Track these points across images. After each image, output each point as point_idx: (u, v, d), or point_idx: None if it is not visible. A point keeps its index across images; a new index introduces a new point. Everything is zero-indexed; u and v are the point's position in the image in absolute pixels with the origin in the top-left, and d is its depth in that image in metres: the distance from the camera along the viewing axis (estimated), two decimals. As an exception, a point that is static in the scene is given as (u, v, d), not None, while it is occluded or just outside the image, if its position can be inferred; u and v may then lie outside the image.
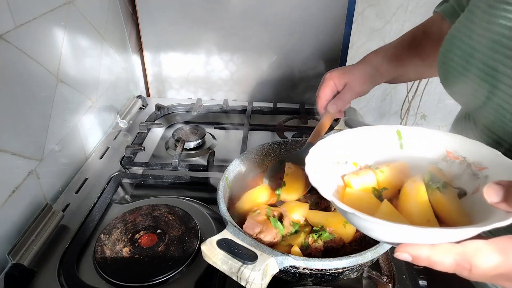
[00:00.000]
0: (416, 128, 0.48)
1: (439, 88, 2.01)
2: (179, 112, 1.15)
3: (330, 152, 0.48)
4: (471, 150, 0.44)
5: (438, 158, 0.47)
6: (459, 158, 0.45)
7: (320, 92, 0.74)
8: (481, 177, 0.42)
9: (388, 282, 0.60)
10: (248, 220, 0.58)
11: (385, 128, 0.49)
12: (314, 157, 0.45)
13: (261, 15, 1.12)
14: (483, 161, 0.42)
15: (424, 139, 0.48)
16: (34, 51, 0.70)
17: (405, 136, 0.48)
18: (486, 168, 0.41)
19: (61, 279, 0.61)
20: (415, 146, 0.48)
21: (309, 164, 0.43)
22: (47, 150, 0.75)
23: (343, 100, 0.73)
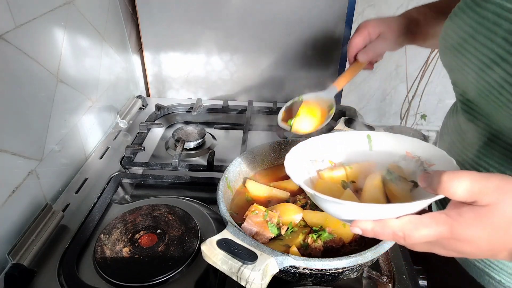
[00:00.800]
0: (384, 133, 0.57)
1: (439, 88, 2.02)
2: (179, 112, 1.15)
3: (310, 151, 0.57)
4: (425, 151, 0.52)
5: (400, 157, 0.55)
6: (415, 157, 0.53)
7: (351, 40, 0.71)
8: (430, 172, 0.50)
9: (388, 282, 0.60)
10: (247, 220, 0.58)
11: (358, 133, 0.58)
12: (294, 153, 0.54)
13: (261, 15, 1.12)
14: (432, 159, 0.51)
15: (389, 142, 0.56)
16: (34, 51, 0.70)
17: (374, 140, 0.57)
18: (434, 164, 0.50)
19: (61, 279, 0.61)
20: (382, 148, 0.57)
21: (289, 158, 0.53)
22: (47, 150, 0.75)
23: (375, 50, 0.71)
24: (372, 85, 2.05)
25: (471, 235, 0.37)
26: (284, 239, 0.58)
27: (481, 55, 0.50)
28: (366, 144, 0.57)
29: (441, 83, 2.00)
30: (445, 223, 0.37)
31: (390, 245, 0.52)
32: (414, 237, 0.38)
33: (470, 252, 0.39)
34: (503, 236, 0.37)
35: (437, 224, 0.37)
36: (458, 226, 0.37)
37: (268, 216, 0.59)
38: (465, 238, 0.37)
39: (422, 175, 0.40)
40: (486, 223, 0.36)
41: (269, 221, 0.58)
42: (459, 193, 0.36)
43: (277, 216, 0.59)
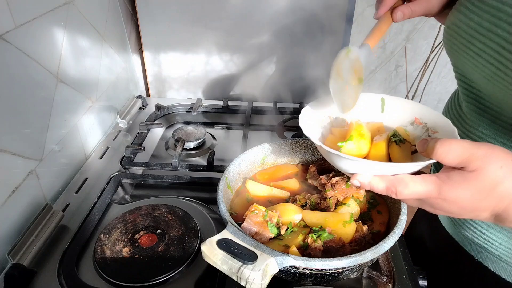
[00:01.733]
0: (397, 98, 0.61)
1: (439, 88, 2.02)
2: (179, 112, 1.15)
3: (325, 108, 0.61)
4: (432, 118, 0.56)
5: (408, 122, 0.59)
6: (422, 124, 0.57)
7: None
8: None
9: (388, 282, 0.60)
10: (246, 220, 0.58)
11: (372, 95, 0.62)
12: (310, 109, 0.59)
13: (261, 15, 1.12)
14: (437, 127, 0.55)
15: (400, 107, 0.60)
16: (34, 51, 0.70)
17: (387, 103, 0.61)
18: (437, 132, 0.55)
19: (61, 279, 0.61)
20: (393, 112, 0.61)
21: (304, 112, 0.57)
22: (47, 150, 0.75)
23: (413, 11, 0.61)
24: (372, 85, 2.05)
25: (456, 195, 0.41)
26: (283, 239, 0.58)
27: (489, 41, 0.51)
28: (379, 106, 0.61)
29: (441, 83, 2.00)
30: (434, 183, 0.42)
31: (390, 245, 0.52)
32: (404, 193, 0.43)
33: (455, 211, 0.43)
34: (486, 198, 0.41)
35: (427, 184, 0.42)
36: (445, 187, 0.41)
37: (268, 216, 0.59)
38: (451, 199, 0.41)
39: (420, 141, 0.44)
40: (471, 186, 0.40)
41: (268, 221, 0.58)
42: (450, 159, 0.41)
43: (276, 216, 0.59)
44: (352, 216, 0.58)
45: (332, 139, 0.57)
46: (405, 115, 0.60)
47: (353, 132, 0.54)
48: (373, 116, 0.62)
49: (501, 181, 0.39)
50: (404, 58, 1.93)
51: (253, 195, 0.68)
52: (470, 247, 0.66)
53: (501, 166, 0.39)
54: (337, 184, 0.64)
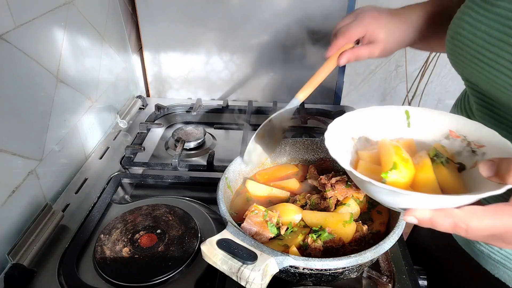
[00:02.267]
0: (423, 109, 0.53)
1: (439, 88, 2.02)
2: (179, 112, 1.15)
3: (347, 128, 0.53)
4: (471, 130, 0.49)
5: (441, 136, 0.52)
6: (460, 137, 0.50)
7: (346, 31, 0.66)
8: (479, 154, 0.47)
9: (388, 282, 0.60)
10: (246, 220, 0.58)
11: (395, 108, 0.54)
12: (332, 132, 0.50)
13: (261, 15, 1.12)
14: (481, 140, 0.47)
15: (429, 119, 0.53)
16: (34, 51, 0.70)
17: (413, 116, 0.53)
18: (484, 146, 0.47)
19: (61, 279, 0.61)
20: (421, 125, 0.53)
21: (329, 138, 0.49)
22: (47, 150, 0.75)
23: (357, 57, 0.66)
24: (372, 85, 2.05)
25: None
26: (283, 239, 0.58)
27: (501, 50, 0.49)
28: (404, 120, 0.54)
29: (441, 83, 1.99)
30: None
31: (390, 245, 0.52)
32: (477, 229, 0.37)
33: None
34: None
35: (504, 216, 0.36)
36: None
37: (267, 216, 0.59)
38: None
39: (484, 162, 0.38)
40: None
41: (268, 221, 0.58)
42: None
43: (276, 216, 0.59)
44: (352, 216, 0.58)
45: (365, 166, 0.49)
46: (436, 128, 0.52)
47: (395, 157, 0.45)
48: (398, 131, 0.54)
49: None
50: (404, 58, 1.93)
51: (253, 195, 0.68)
52: (486, 262, 0.64)
53: None
54: (337, 184, 0.64)
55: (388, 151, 0.47)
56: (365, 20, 0.66)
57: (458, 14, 0.58)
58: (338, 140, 0.50)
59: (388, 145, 0.48)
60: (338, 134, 0.51)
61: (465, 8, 0.56)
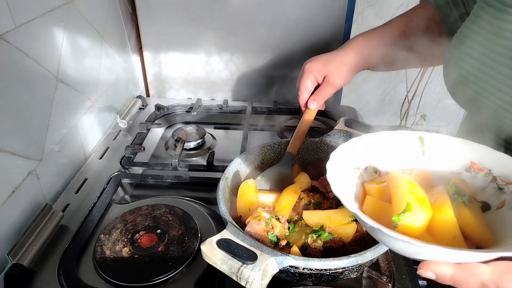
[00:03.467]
0: (440, 136, 0.47)
1: (438, 88, 2.01)
2: (179, 112, 1.15)
3: (350, 157, 0.47)
4: (498, 163, 0.42)
5: (461, 168, 0.45)
6: (484, 170, 0.43)
7: (300, 85, 0.73)
8: (507, 192, 0.41)
9: (388, 282, 0.60)
10: (249, 226, 0.58)
11: (407, 134, 0.48)
12: (335, 163, 0.43)
13: (261, 15, 1.12)
14: (510, 176, 0.40)
15: (447, 148, 0.46)
16: (34, 51, 0.70)
17: (428, 143, 0.47)
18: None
19: (61, 279, 0.61)
20: (437, 154, 0.47)
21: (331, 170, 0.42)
22: (46, 150, 0.75)
23: (323, 95, 0.71)
24: (372, 85, 2.05)
25: None
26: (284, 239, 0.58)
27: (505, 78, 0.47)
28: (418, 148, 0.47)
29: (441, 83, 1.99)
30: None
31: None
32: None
33: None
34: None
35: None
36: None
37: (270, 224, 0.57)
38: None
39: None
40: None
41: (270, 230, 0.56)
42: None
43: (279, 227, 0.57)
44: (352, 216, 0.58)
45: (372, 203, 0.43)
46: (455, 158, 0.45)
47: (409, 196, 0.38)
48: (411, 161, 0.47)
49: None
50: (404, 58, 1.93)
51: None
52: None
53: None
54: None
55: (399, 187, 0.40)
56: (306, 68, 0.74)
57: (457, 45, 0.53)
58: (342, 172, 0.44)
59: (400, 179, 0.40)
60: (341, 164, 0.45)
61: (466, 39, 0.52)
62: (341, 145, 0.46)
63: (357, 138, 0.48)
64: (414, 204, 0.37)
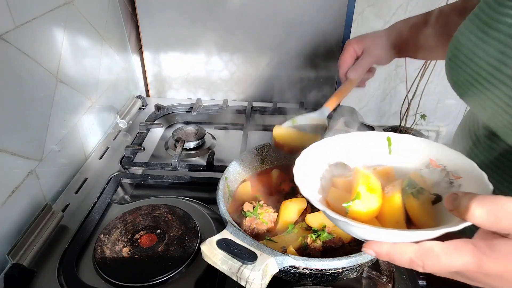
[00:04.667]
0: (405, 136, 0.51)
1: (438, 88, 2.02)
2: (179, 112, 1.15)
3: (323, 154, 0.51)
4: (451, 160, 0.47)
5: (422, 165, 0.50)
6: (440, 167, 0.48)
7: (340, 59, 0.75)
8: (455, 186, 0.45)
9: (387, 282, 0.60)
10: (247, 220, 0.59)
11: (376, 134, 0.52)
12: (305, 158, 0.49)
13: (261, 15, 1.12)
14: (459, 171, 0.45)
15: (411, 147, 0.51)
16: (33, 51, 0.70)
17: (394, 143, 0.51)
18: (461, 177, 0.45)
19: (60, 279, 0.61)
20: (402, 152, 0.51)
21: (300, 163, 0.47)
22: (46, 150, 0.75)
23: (362, 65, 0.73)
24: (372, 85, 2.05)
25: (503, 270, 0.33)
26: (280, 241, 0.58)
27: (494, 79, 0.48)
28: (385, 147, 0.52)
29: (441, 83, 2.00)
30: (473, 255, 0.33)
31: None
32: (434, 266, 0.35)
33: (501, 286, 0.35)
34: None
35: (462, 255, 0.34)
36: (487, 260, 0.33)
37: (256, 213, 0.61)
38: (496, 274, 0.34)
39: (449, 196, 0.36)
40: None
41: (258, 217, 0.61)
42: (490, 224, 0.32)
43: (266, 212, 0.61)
44: None
45: (336, 194, 0.48)
46: (418, 156, 0.50)
47: (360, 187, 0.43)
48: (379, 158, 0.52)
49: None
50: (404, 58, 1.93)
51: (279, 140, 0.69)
52: None
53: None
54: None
55: (356, 180, 0.45)
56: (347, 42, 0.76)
57: (457, 35, 0.56)
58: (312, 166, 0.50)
59: (359, 172, 0.45)
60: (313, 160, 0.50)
61: (465, 29, 0.54)
62: (315, 143, 0.51)
63: (329, 138, 0.52)
64: (363, 193, 0.43)
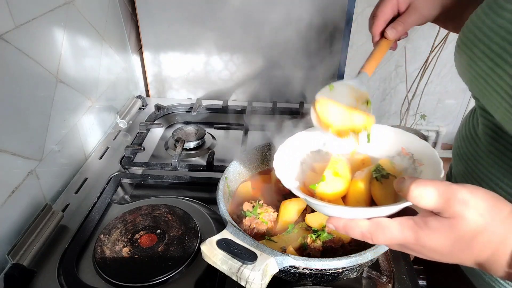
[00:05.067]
0: (383, 126, 0.56)
1: (438, 88, 2.02)
2: (179, 112, 1.15)
3: (306, 142, 0.56)
4: (419, 149, 0.52)
5: (395, 152, 0.55)
6: (409, 155, 0.53)
7: (378, 10, 0.62)
8: (418, 172, 0.50)
9: (387, 282, 0.60)
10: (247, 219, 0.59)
11: None
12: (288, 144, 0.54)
13: (261, 15, 1.12)
14: (423, 158, 0.51)
15: (387, 136, 0.56)
16: (33, 51, 0.70)
17: (373, 132, 0.55)
18: (423, 164, 0.50)
19: (60, 279, 0.61)
20: (379, 141, 0.56)
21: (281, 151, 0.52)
22: (46, 150, 0.75)
23: (405, 23, 0.61)
24: (372, 85, 2.05)
25: (435, 244, 0.38)
26: (280, 241, 0.58)
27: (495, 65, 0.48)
28: (365, 136, 0.55)
29: (440, 83, 2.00)
30: (411, 229, 0.39)
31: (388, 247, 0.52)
32: (380, 238, 0.40)
33: (435, 258, 0.40)
34: (466, 249, 0.38)
35: (403, 230, 0.39)
36: (422, 234, 0.38)
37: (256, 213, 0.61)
38: (429, 246, 0.38)
39: (397, 179, 0.41)
40: (448, 234, 0.37)
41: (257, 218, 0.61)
42: (425, 203, 0.37)
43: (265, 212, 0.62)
44: None
45: (312, 176, 0.53)
46: (392, 145, 0.55)
47: (326, 171, 0.49)
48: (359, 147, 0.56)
49: (481, 230, 0.36)
50: (404, 58, 1.93)
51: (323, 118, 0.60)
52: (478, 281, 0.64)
53: (481, 214, 0.36)
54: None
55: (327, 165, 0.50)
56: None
57: (467, 21, 0.55)
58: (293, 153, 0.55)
59: (332, 159, 0.51)
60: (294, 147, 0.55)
61: (475, 15, 0.53)
62: (298, 132, 0.56)
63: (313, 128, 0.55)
64: (328, 176, 0.49)
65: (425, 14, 0.62)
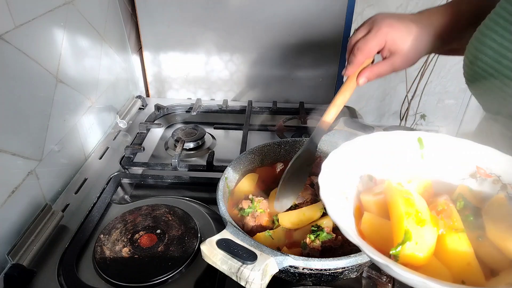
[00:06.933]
0: (440, 136, 0.41)
1: (438, 88, 2.02)
2: (179, 112, 1.15)
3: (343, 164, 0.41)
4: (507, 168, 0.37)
5: (465, 173, 0.40)
6: (492, 176, 0.38)
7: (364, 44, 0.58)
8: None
9: (387, 281, 0.60)
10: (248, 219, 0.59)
11: (405, 135, 0.43)
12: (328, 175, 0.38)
13: (261, 15, 1.12)
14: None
15: (449, 150, 0.41)
16: (33, 51, 0.70)
17: (427, 145, 0.42)
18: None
19: (60, 279, 0.61)
20: (438, 157, 0.41)
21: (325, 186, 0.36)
22: (46, 150, 0.75)
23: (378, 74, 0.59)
24: (371, 85, 2.05)
25: None
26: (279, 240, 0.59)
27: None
28: (417, 151, 0.42)
29: (440, 83, 2.00)
30: None
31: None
32: None
33: None
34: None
35: None
36: None
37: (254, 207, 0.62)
38: None
39: None
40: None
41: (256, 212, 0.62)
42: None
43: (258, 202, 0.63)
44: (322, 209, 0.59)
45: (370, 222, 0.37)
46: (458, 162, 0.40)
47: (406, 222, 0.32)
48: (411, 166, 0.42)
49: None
50: (403, 58, 1.92)
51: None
52: None
53: None
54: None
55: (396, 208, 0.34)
56: (382, 29, 0.58)
57: (478, 35, 0.51)
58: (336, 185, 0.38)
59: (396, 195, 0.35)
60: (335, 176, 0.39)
61: (487, 30, 0.49)
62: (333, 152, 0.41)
63: (350, 141, 0.42)
64: (413, 230, 0.32)
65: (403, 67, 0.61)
